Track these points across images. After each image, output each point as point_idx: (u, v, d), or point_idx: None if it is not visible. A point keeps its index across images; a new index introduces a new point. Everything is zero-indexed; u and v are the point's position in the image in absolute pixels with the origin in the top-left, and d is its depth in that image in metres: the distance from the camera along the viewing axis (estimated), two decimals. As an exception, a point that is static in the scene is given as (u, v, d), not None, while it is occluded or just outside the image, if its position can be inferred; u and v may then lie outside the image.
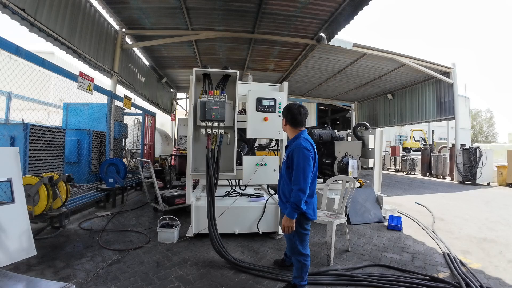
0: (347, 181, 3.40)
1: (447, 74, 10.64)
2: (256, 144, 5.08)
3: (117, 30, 7.27)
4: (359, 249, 3.41)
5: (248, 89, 3.64)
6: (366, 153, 5.32)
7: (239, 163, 3.69)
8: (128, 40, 7.79)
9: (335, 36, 7.10)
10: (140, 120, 8.90)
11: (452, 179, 10.90)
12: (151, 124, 8.32)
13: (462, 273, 2.69)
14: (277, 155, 3.97)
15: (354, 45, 8.32)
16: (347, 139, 6.10)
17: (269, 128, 3.53)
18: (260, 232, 3.64)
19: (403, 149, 16.03)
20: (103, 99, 6.30)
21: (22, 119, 4.26)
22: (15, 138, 3.95)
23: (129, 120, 9.00)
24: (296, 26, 7.10)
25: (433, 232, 4.14)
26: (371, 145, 5.31)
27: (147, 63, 10.02)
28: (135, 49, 8.75)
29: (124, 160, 7.22)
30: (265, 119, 3.51)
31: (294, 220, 2.09)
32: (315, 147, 2.27)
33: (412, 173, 13.60)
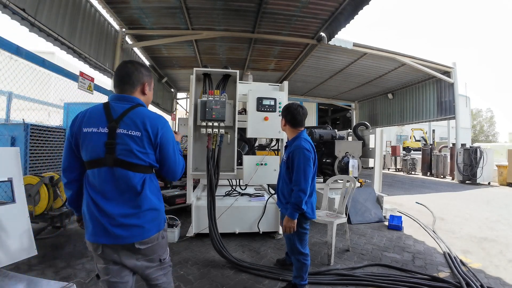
0: (348, 181, 3.40)
1: (447, 73, 10.62)
2: (256, 144, 5.08)
3: (117, 30, 7.27)
4: (360, 248, 3.41)
5: (249, 89, 3.64)
6: (366, 153, 5.32)
7: (240, 163, 3.69)
8: (128, 40, 7.79)
9: (336, 36, 7.08)
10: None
11: (453, 179, 10.89)
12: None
13: (462, 272, 2.69)
14: (278, 155, 3.97)
15: (355, 44, 8.30)
16: (347, 139, 6.10)
17: (269, 127, 3.53)
18: (261, 232, 3.64)
19: (404, 148, 16.00)
20: (104, 99, 6.30)
21: (23, 119, 4.26)
22: (16, 138, 3.95)
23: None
24: (296, 25, 7.09)
25: (433, 231, 4.13)
26: (371, 145, 5.31)
27: (147, 62, 10.01)
28: (135, 49, 8.75)
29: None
30: (266, 118, 3.51)
31: (296, 221, 2.10)
32: (315, 147, 2.28)
33: (413, 172, 13.60)
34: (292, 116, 2.27)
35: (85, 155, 1.30)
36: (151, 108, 10.17)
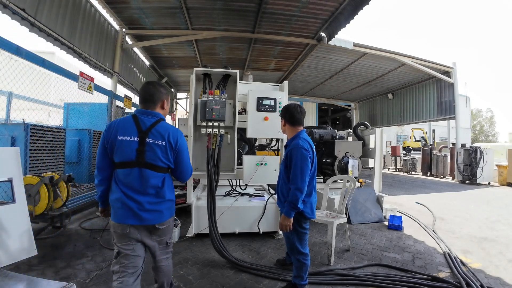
0: (348, 181, 3.40)
1: (447, 73, 10.62)
2: (256, 144, 5.08)
3: (117, 30, 7.27)
4: (360, 248, 3.41)
5: (249, 89, 3.64)
6: (366, 153, 5.32)
7: (240, 163, 3.69)
8: (128, 40, 7.79)
9: (336, 36, 7.08)
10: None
11: (453, 179, 10.89)
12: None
13: (462, 272, 2.69)
14: (278, 155, 3.97)
15: (355, 44, 8.30)
16: (347, 139, 6.10)
17: (269, 127, 3.53)
18: (261, 232, 3.64)
19: (404, 148, 16.01)
20: (104, 99, 6.30)
21: (23, 119, 4.27)
22: (16, 138, 3.95)
23: (129, 120, 8.98)
24: (296, 25, 7.09)
25: (433, 231, 4.14)
26: (371, 145, 5.30)
27: (147, 63, 10.01)
28: (135, 49, 8.74)
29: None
30: (266, 118, 3.51)
31: (292, 219, 2.10)
32: (314, 147, 2.28)
33: (413, 172, 13.60)
34: (291, 114, 2.28)
35: (118, 157, 1.66)
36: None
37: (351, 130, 6.17)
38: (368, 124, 5.80)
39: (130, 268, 1.68)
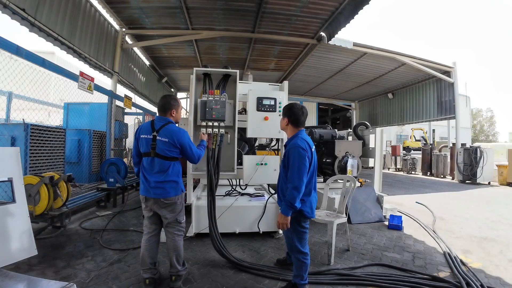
0: (348, 181, 3.40)
1: (447, 73, 10.62)
2: (256, 144, 5.07)
3: (117, 30, 7.27)
4: (360, 248, 3.41)
5: (249, 89, 3.63)
6: (366, 153, 5.32)
7: (240, 163, 3.69)
8: (128, 39, 7.79)
9: (336, 36, 7.08)
10: (141, 119, 8.91)
11: (453, 179, 10.89)
12: (151, 124, 8.28)
13: (462, 272, 2.69)
14: (278, 155, 3.97)
15: (355, 44, 8.30)
16: (347, 139, 6.09)
17: (269, 127, 3.52)
18: (261, 232, 3.64)
19: (404, 148, 16.02)
20: (104, 99, 6.30)
21: (23, 119, 4.26)
22: (16, 138, 3.95)
23: (129, 120, 9.01)
24: (296, 25, 7.09)
25: (433, 231, 4.13)
26: (371, 145, 5.30)
27: (147, 62, 10.01)
28: (135, 49, 8.75)
29: (125, 160, 7.22)
30: (266, 118, 3.50)
31: (289, 217, 2.10)
32: (313, 146, 2.28)
33: (413, 172, 13.59)
34: (296, 116, 2.28)
35: (142, 149, 2.37)
36: (150, 107, 9.96)
37: (351, 130, 6.16)
38: (368, 124, 5.80)
39: (147, 229, 2.42)
